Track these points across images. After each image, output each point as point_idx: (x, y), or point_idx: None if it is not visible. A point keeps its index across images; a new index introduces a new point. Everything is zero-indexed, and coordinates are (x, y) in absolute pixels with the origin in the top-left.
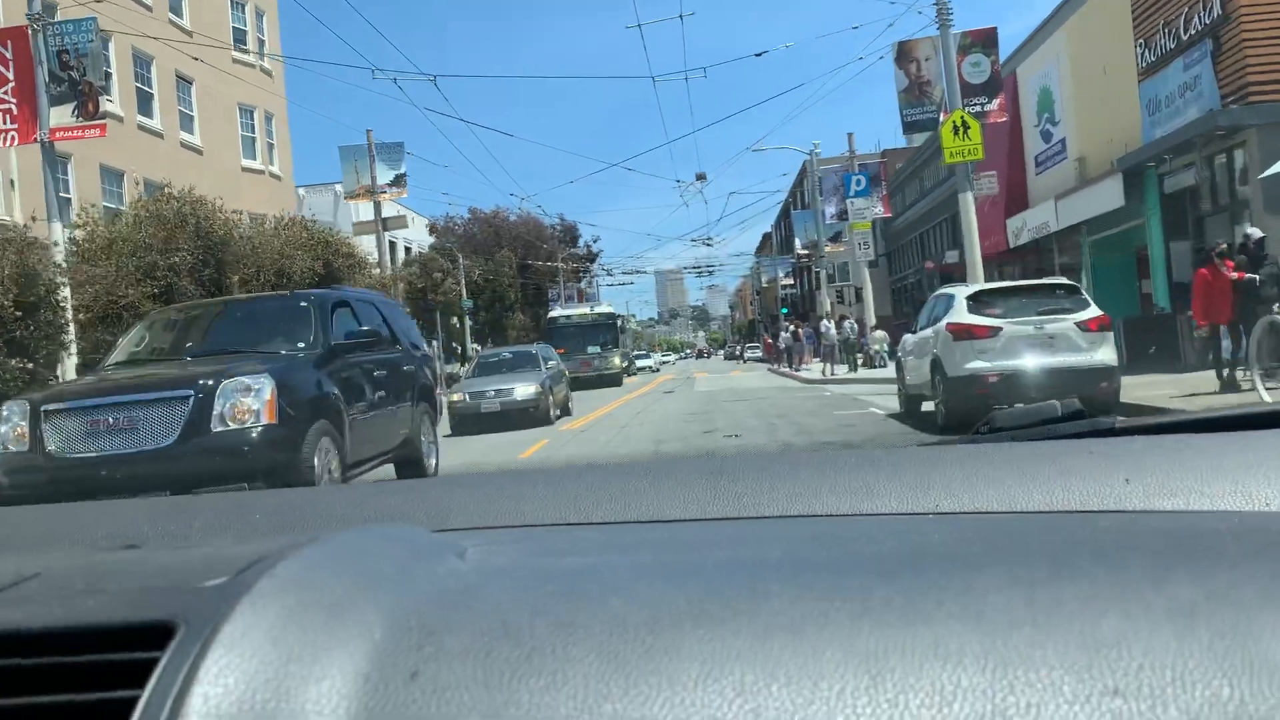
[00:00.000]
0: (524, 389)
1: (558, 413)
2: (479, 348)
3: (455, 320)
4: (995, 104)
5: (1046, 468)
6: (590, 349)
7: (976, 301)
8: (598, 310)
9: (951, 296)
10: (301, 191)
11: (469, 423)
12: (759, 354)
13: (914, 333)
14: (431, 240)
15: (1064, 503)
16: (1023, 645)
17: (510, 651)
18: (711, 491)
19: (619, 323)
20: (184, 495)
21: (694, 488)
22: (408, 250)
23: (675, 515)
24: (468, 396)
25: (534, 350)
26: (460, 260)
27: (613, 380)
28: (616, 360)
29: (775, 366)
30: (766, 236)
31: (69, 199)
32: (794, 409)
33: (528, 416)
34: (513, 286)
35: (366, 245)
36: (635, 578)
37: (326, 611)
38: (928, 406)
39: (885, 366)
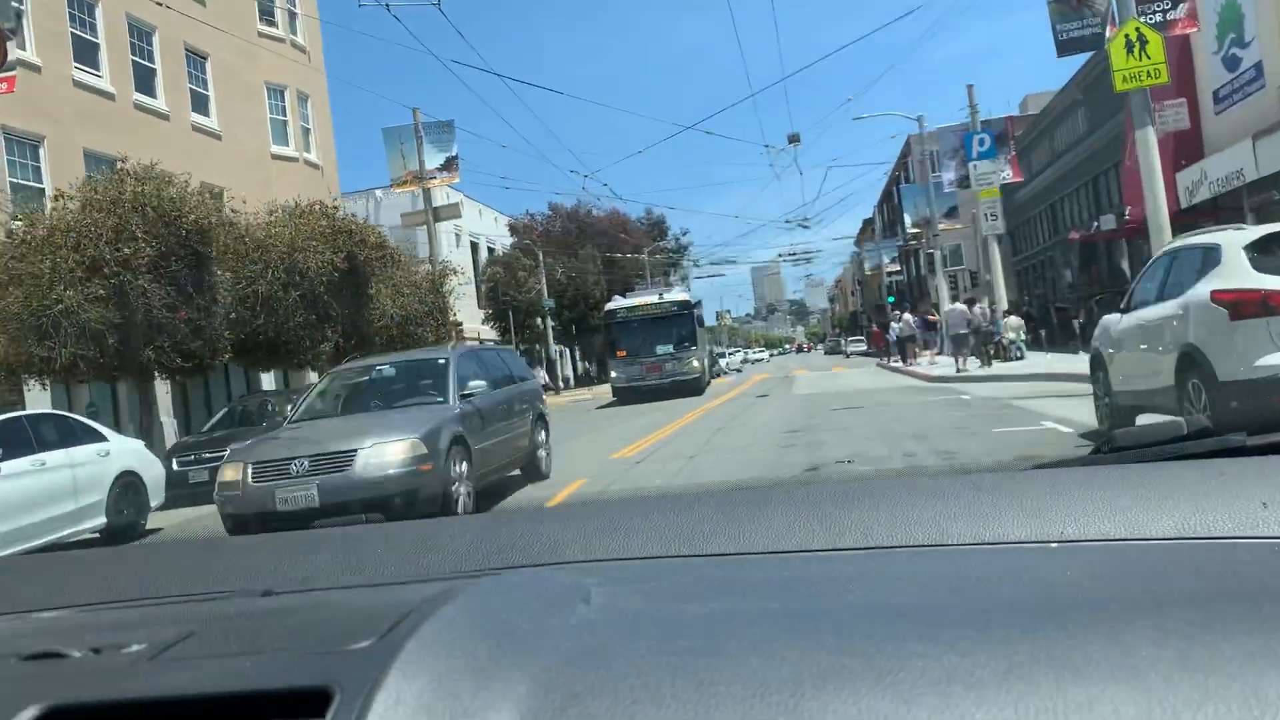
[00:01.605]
0: (373, 458)
1: (481, 483)
2: (562, 349)
3: (539, 321)
4: (1182, 10)
5: (1175, 491)
6: (659, 349)
7: (1265, 254)
8: (668, 298)
9: (1213, 249)
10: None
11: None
12: (862, 347)
13: (1125, 311)
14: (512, 240)
15: (1196, 529)
16: (1181, 707)
17: (655, 714)
18: (826, 521)
19: (696, 314)
20: (306, 530)
21: (809, 518)
22: (491, 251)
23: (792, 546)
24: (229, 491)
25: (443, 360)
26: (541, 258)
27: (691, 388)
28: (695, 362)
29: (885, 361)
30: (867, 223)
31: (42, 189)
32: (931, 423)
33: (394, 510)
34: (597, 284)
35: (420, 239)
36: (770, 631)
37: (473, 676)
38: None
39: (1021, 359)
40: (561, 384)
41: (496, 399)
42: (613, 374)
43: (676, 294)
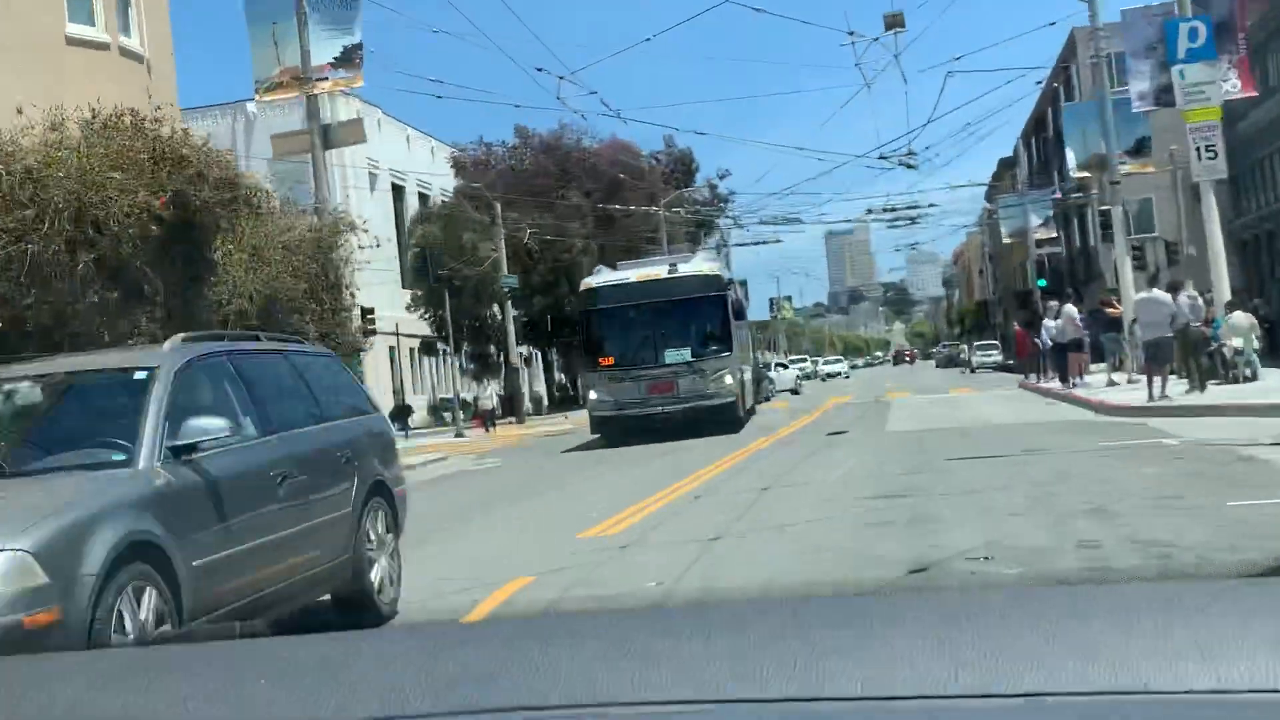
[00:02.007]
0: None
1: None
2: (532, 352)
3: (496, 309)
4: None
5: None
6: (669, 354)
7: None
8: (685, 271)
9: None
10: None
11: None
12: (996, 357)
13: None
14: (456, 184)
15: None
16: None
17: None
18: (950, 658)
19: (731, 299)
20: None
21: (919, 652)
22: (424, 199)
23: (881, 693)
24: None
25: (143, 374)
26: (499, 211)
27: (720, 418)
28: (727, 377)
29: (1034, 379)
30: (1006, 166)
31: None
32: (1118, 487)
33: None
34: (587, 252)
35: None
36: None
37: None
38: None
39: (1254, 379)
40: (529, 407)
41: (262, 458)
42: (591, 394)
43: (699, 265)
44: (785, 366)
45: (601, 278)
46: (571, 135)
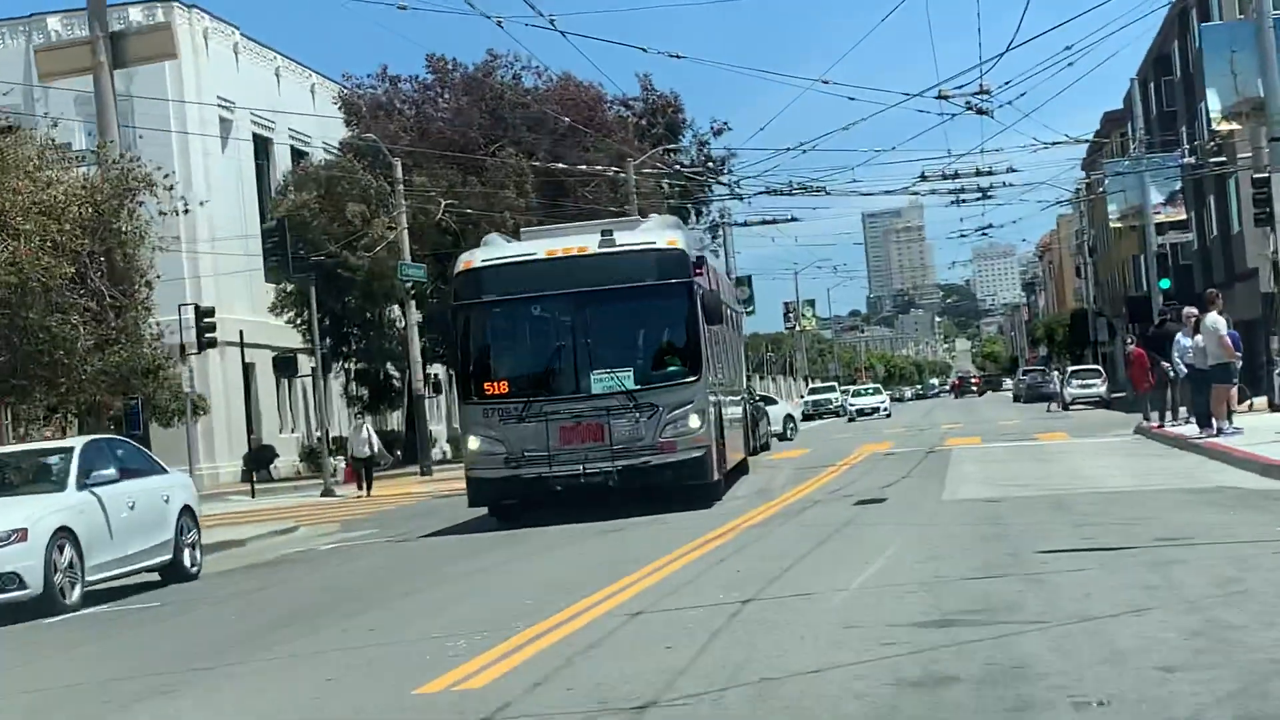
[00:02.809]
0: None
1: None
2: (436, 373)
3: (394, 309)
4: None
5: None
6: (599, 380)
7: None
8: (626, 243)
9: None
10: None
11: None
12: (1098, 388)
13: None
14: (346, 135)
15: None
16: None
17: None
18: None
19: (699, 289)
20: None
21: None
22: (300, 156)
23: None
24: None
25: None
26: (400, 170)
27: (683, 479)
28: (694, 420)
29: (1158, 420)
30: (1111, 121)
31: None
32: None
33: None
34: (525, 230)
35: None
36: None
37: None
38: None
39: None
40: (440, 452)
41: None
42: (470, 441)
43: (651, 235)
44: (772, 401)
45: (489, 252)
46: (506, 68)
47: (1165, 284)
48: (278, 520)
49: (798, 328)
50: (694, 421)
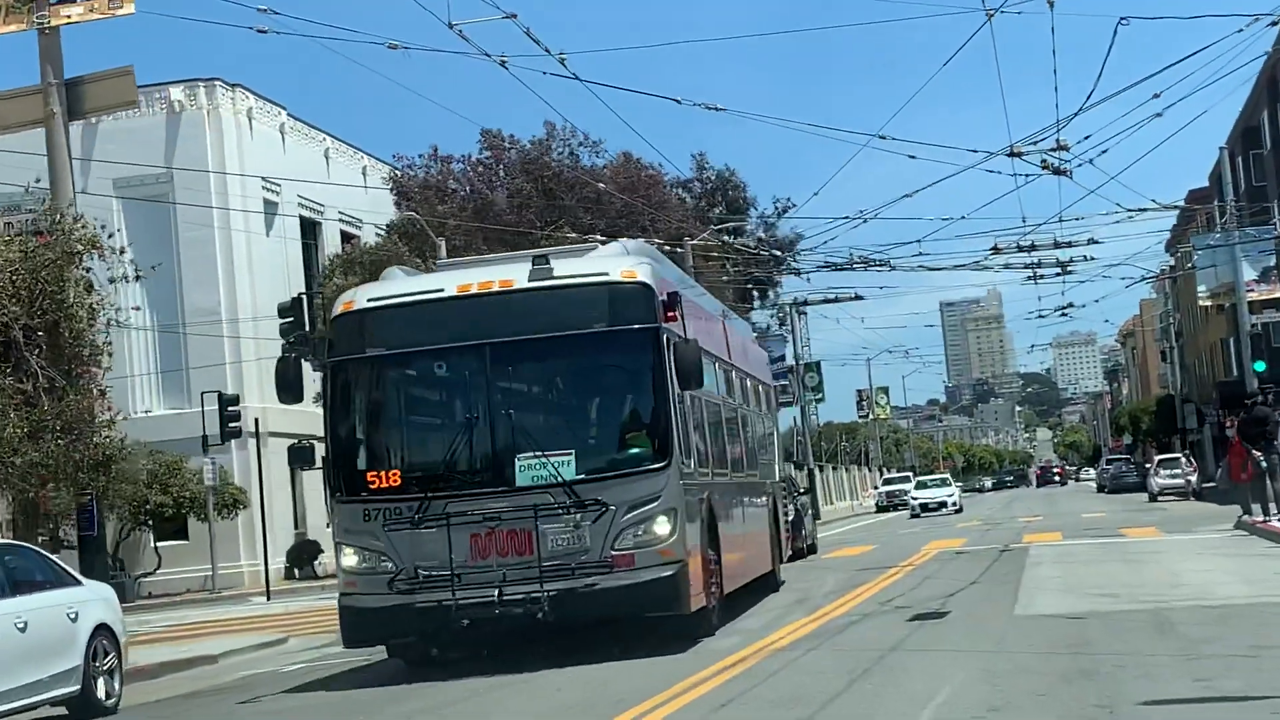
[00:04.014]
0: None
1: None
2: None
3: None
4: None
5: None
6: (525, 466)
7: None
8: (566, 279)
9: None
10: None
11: None
12: (1181, 479)
13: None
14: (394, 217)
15: None
16: None
17: None
18: None
19: (668, 338)
20: None
21: None
22: (349, 239)
23: None
24: None
25: None
26: (443, 248)
27: (649, 612)
28: (661, 524)
29: (1265, 516)
30: (1196, 196)
31: None
32: None
33: None
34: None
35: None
36: None
37: None
38: None
39: None
40: None
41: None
42: (343, 555)
43: (598, 263)
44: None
45: (382, 289)
46: (562, 145)
47: (1260, 366)
48: (274, 629)
49: (871, 416)
50: (660, 526)
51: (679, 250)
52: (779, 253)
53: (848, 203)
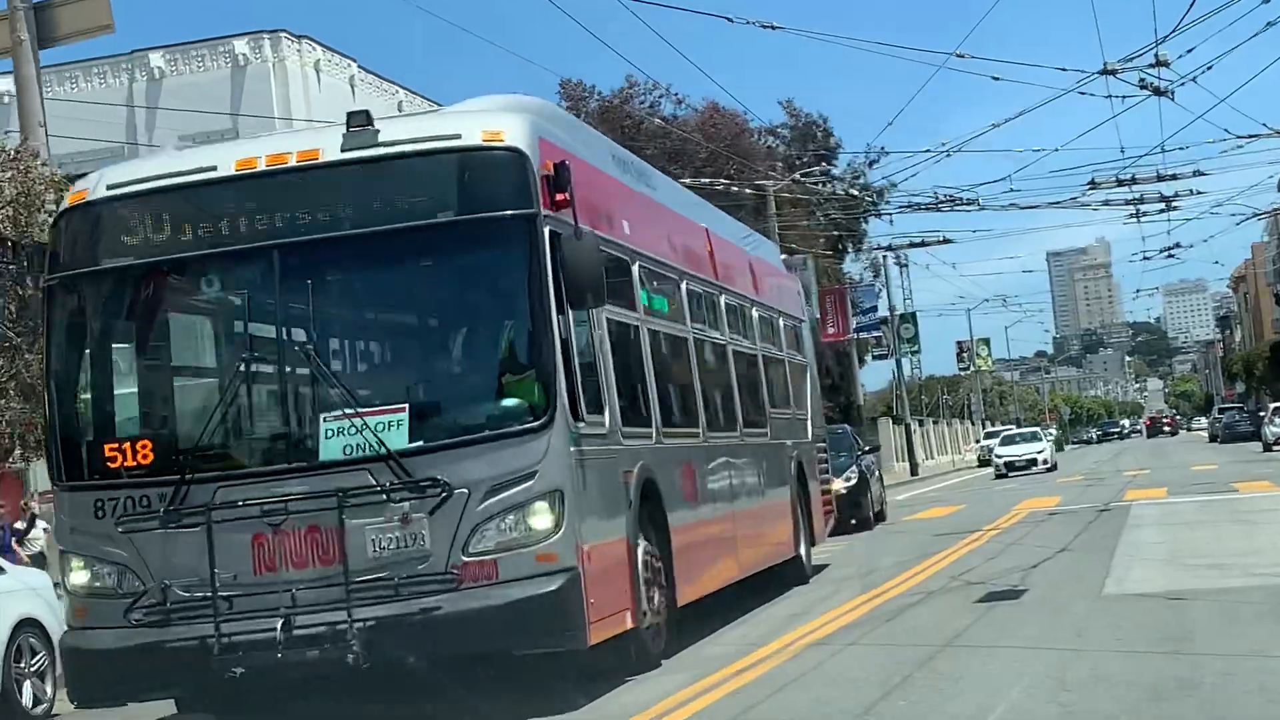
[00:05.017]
0: None
1: None
2: None
3: None
4: None
5: None
6: (329, 437)
7: None
8: (387, 147)
9: None
10: None
11: None
12: None
13: None
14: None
15: None
16: None
17: None
18: None
19: (549, 232)
20: None
21: None
22: None
23: None
24: None
25: None
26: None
27: (523, 649)
28: (536, 516)
29: None
30: None
31: None
32: None
33: None
34: None
35: None
36: None
37: None
38: None
39: None
40: None
41: None
42: (70, 569)
43: (451, 120)
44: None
45: (128, 171)
46: (643, 96)
47: None
48: None
49: (971, 368)
50: (536, 516)
51: (762, 198)
52: (856, 193)
53: (927, 137)
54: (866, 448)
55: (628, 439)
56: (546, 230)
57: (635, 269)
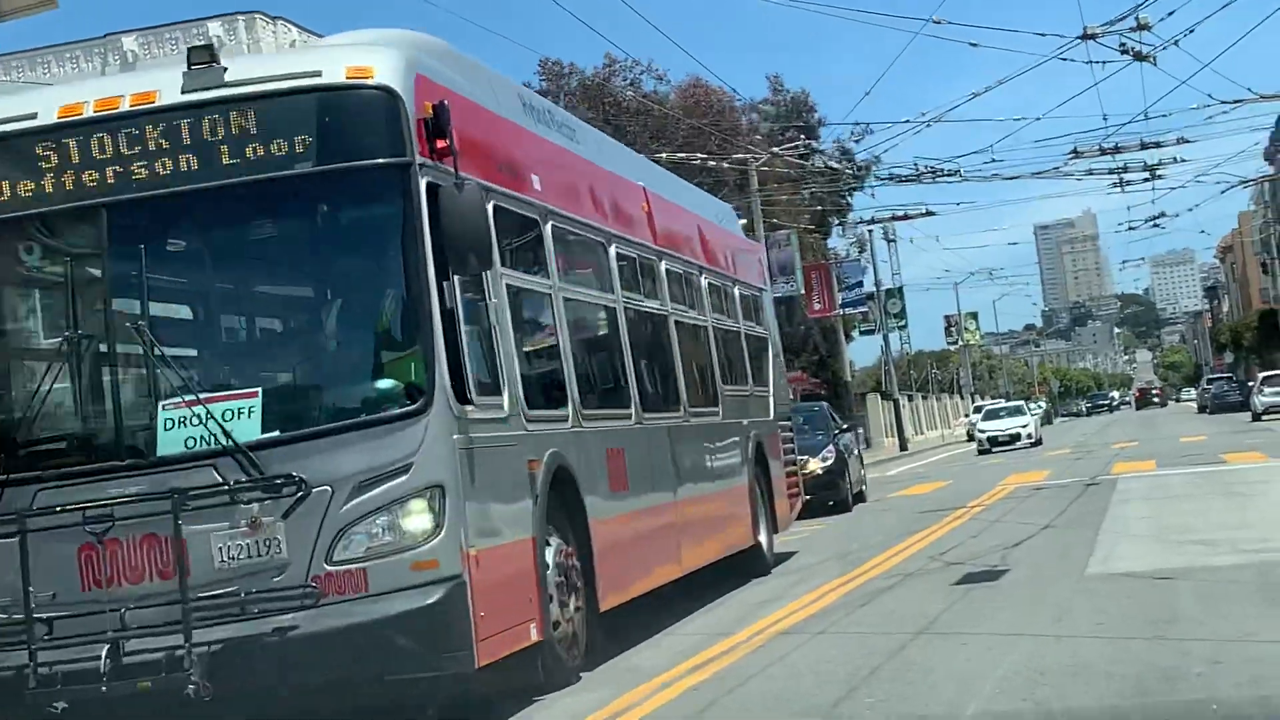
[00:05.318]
0: None
1: None
2: None
3: None
4: None
5: None
6: (168, 429)
7: None
8: (238, 86)
9: None
10: None
11: None
12: None
13: None
14: None
15: None
16: None
17: None
18: None
19: (425, 182)
20: None
21: None
22: None
23: None
24: None
25: None
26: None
27: (393, 673)
28: (412, 517)
29: None
30: None
31: None
32: None
33: None
34: None
35: None
36: None
37: None
38: None
39: None
40: None
41: None
42: None
43: (314, 56)
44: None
45: None
46: (624, 74)
47: None
48: None
49: (960, 342)
50: (412, 517)
51: (745, 173)
52: (837, 165)
53: (908, 109)
54: (844, 425)
55: (535, 423)
56: (424, 182)
57: (547, 229)
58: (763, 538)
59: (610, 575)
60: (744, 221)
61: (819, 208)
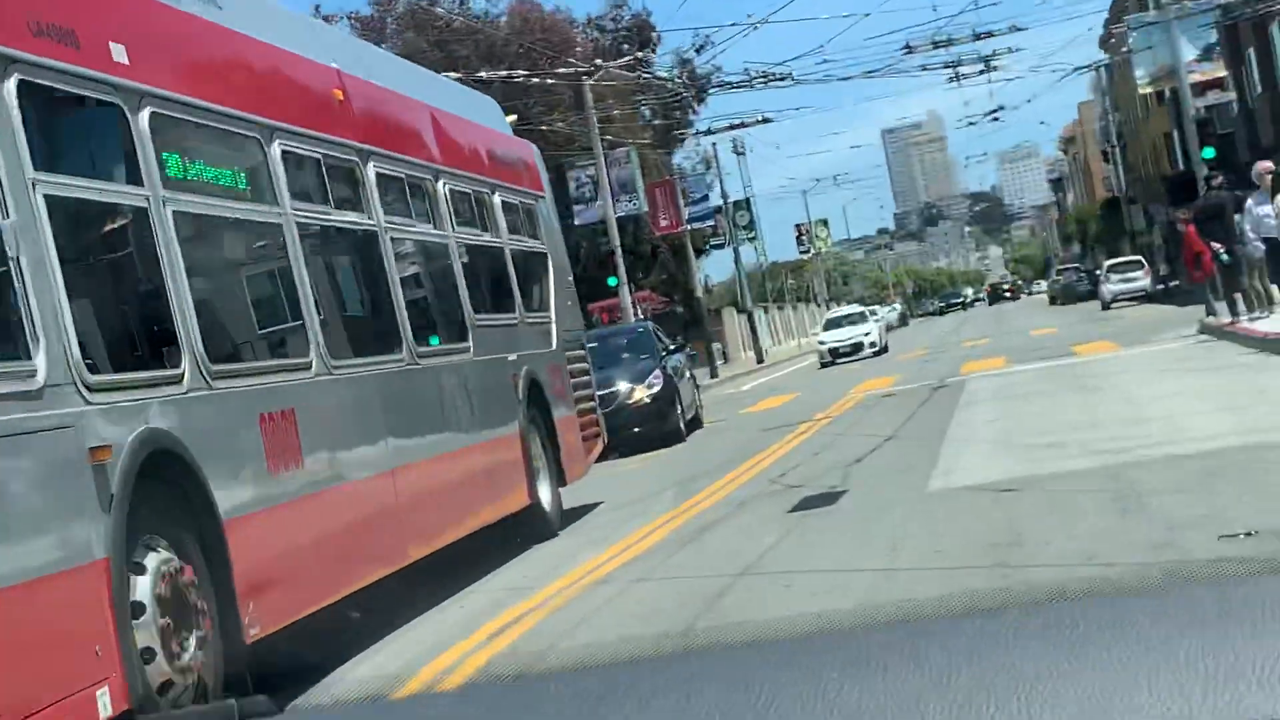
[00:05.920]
0: None
1: None
2: None
3: None
4: None
5: None
6: None
7: None
8: None
9: None
10: None
11: None
12: (1140, 281)
13: None
14: None
15: None
16: None
17: None
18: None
19: None
20: None
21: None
22: None
23: None
24: None
25: None
26: None
27: None
28: None
29: (1232, 316)
30: None
31: None
32: None
33: None
34: None
35: None
36: None
37: None
38: None
39: None
40: None
41: None
42: None
43: None
44: (668, 350)
45: None
46: None
47: (1209, 153)
48: None
49: (811, 250)
50: None
51: (579, 90)
52: (665, 74)
53: (735, 14)
54: (673, 345)
55: (107, 394)
56: None
57: (141, 118)
58: (545, 494)
59: (264, 593)
60: (583, 143)
61: (661, 122)
